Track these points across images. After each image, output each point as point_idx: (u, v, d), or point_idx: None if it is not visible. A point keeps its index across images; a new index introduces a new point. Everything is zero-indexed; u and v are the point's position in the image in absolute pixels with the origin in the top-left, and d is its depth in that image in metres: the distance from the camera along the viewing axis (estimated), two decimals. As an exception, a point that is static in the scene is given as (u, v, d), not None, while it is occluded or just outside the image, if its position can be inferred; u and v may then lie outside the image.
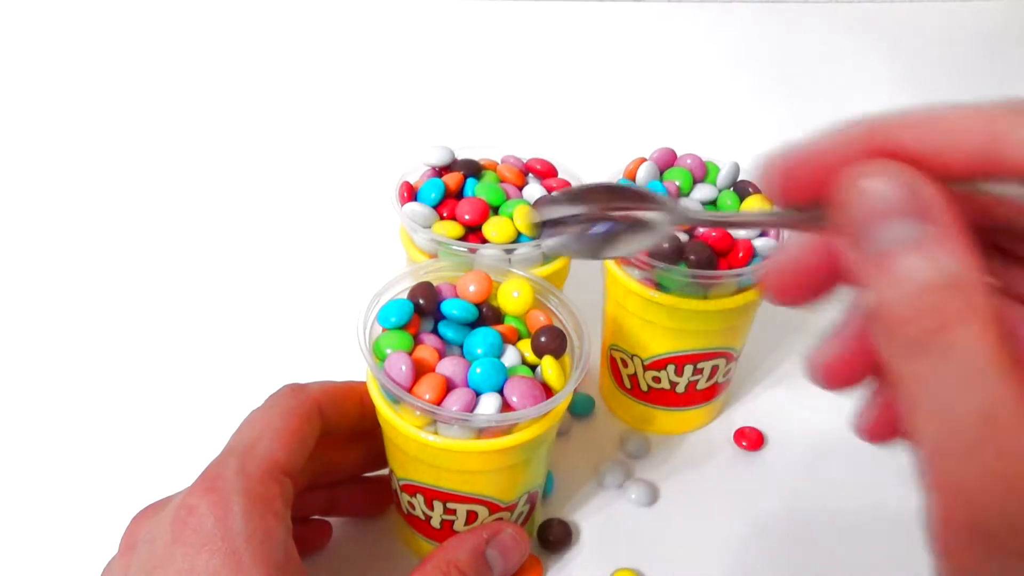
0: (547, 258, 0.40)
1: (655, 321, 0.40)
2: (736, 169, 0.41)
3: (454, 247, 0.38)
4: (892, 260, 0.15)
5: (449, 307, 0.33)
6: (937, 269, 0.14)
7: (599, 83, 0.78)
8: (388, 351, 0.31)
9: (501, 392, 0.31)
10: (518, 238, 0.39)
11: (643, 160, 0.41)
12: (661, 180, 0.41)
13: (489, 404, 0.30)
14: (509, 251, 0.38)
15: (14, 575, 0.38)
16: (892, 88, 0.78)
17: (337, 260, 0.55)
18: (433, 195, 0.40)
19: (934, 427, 0.14)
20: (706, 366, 0.42)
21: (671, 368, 0.42)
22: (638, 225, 0.22)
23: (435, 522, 0.35)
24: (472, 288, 0.34)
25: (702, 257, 0.37)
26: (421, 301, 0.33)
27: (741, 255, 0.38)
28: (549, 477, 0.41)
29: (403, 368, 0.31)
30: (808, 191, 0.18)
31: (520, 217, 0.38)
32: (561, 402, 0.32)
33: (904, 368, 0.14)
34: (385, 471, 0.38)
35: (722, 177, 0.41)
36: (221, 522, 0.28)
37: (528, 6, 0.88)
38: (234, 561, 0.27)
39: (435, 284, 0.34)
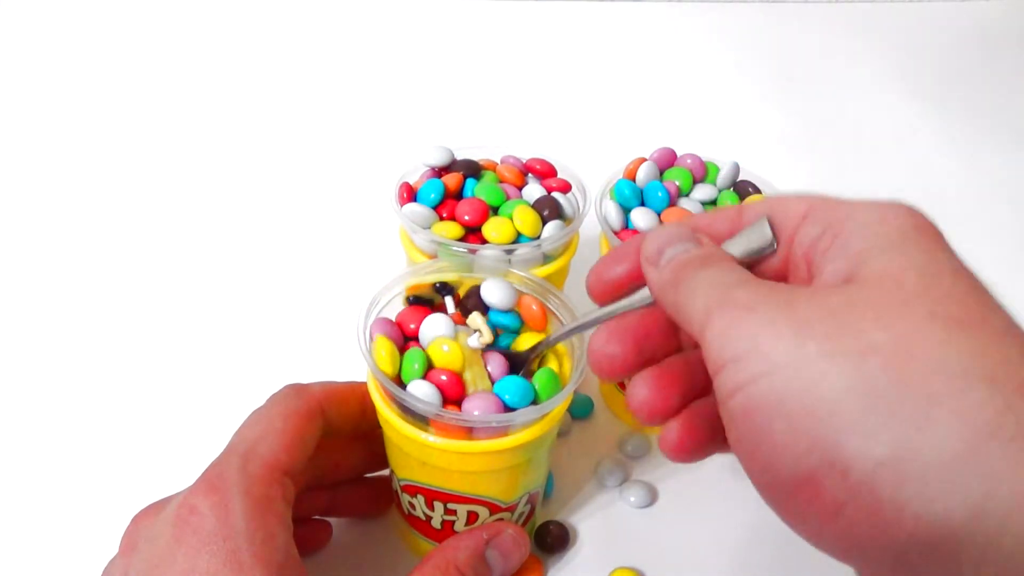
0: (547, 258, 0.40)
1: (655, 321, 0.40)
2: (736, 169, 0.41)
3: (454, 248, 0.38)
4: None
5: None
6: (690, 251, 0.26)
7: (599, 83, 0.78)
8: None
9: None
10: (518, 238, 0.39)
11: (643, 160, 0.41)
12: (661, 180, 0.41)
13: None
14: (509, 251, 0.38)
15: (14, 575, 0.38)
16: (892, 88, 0.78)
17: (337, 261, 0.55)
18: (433, 196, 0.40)
19: (696, 317, 0.24)
20: (706, 366, 0.42)
21: (671, 368, 0.42)
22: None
23: (436, 523, 0.35)
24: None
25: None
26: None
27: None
28: (550, 478, 0.41)
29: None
30: (618, 286, 0.28)
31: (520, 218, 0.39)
32: (561, 403, 0.32)
33: (673, 295, 0.25)
34: (386, 472, 0.38)
35: (722, 177, 0.41)
36: (222, 522, 0.28)
37: (528, 6, 0.88)
38: (235, 561, 0.27)
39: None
